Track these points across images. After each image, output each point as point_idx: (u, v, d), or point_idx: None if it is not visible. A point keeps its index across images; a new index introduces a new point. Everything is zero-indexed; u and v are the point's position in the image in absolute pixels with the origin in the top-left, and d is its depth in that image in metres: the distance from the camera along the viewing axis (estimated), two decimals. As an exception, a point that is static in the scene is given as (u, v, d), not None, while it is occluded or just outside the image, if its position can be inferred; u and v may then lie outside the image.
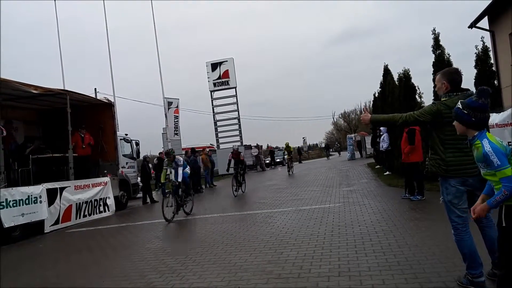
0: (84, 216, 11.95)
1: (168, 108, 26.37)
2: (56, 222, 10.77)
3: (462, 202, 3.72)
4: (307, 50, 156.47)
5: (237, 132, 33.14)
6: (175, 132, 26.97)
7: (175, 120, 26.98)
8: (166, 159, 11.11)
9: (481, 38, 10.23)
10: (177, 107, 27.26)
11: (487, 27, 14.59)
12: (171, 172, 10.91)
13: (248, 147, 35.03)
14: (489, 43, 10.90)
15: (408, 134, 9.20)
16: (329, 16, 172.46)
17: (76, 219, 11.55)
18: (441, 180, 3.84)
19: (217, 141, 33.28)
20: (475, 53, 9.88)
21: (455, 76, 3.84)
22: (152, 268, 5.69)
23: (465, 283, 3.69)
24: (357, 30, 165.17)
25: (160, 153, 20.40)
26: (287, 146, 25.94)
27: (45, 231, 10.26)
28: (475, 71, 9.79)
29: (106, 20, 25.81)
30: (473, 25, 14.39)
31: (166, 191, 10.91)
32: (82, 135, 13.26)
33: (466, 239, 3.65)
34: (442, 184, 3.82)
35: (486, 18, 14.46)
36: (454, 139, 3.67)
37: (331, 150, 64.38)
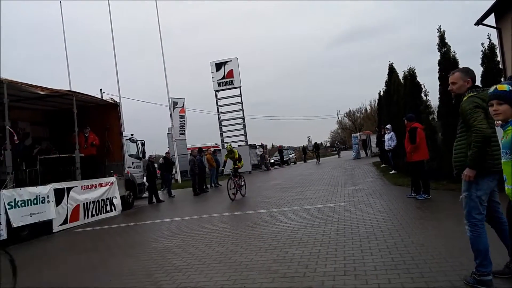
0: (92, 215, 12.06)
1: (174, 108, 26.52)
2: (65, 222, 10.87)
3: (487, 200, 3.73)
4: (311, 49, 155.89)
5: (241, 132, 33.18)
6: (181, 132, 27.09)
7: (181, 119, 27.11)
8: None
9: (488, 35, 10.14)
10: (182, 106, 27.38)
11: (494, 24, 14.50)
12: None
13: (253, 146, 35.06)
14: (495, 41, 10.82)
15: (410, 133, 9.17)
16: (333, 15, 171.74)
17: (84, 218, 11.66)
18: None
19: (222, 140, 33.30)
20: (482, 50, 9.79)
21: (474, 74, 3.93)
22: (158, 267, 5.73)
23: (471, 282, 3.69)
24: (362, 29, 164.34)
25: (166, 153, 20.52)
26: (230, 150, 15.02)
27: (54, 231, 10.35)
28: (481, 68, 9.73)
29: (111, 21, 25.99)
30: (479, 22, 14.31)
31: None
32: (86, 135, 13.34)
33: (483, 236, 3.64)
34: (473, 180, 3.70)
35: (493, 15, 14.38)
36: (493, 132, 3.66)
37: (333, 149, 64.03)
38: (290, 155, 44.50)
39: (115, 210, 13.17)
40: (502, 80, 9.57)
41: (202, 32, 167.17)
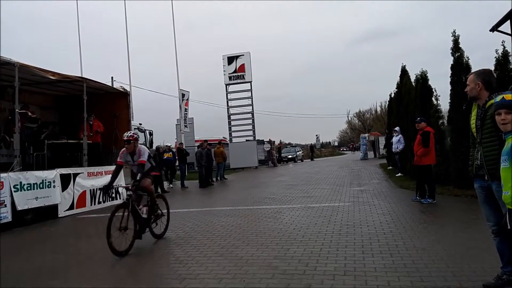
0: (99, 202, 12.15)
1: (182, 100, 26.58)
2: (71, 207, 10.95)
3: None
4: (329, 48, 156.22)
5: (250, 127, 33.11)
6: (185, 124, 27.17)
7: (185, 112, 27.22)
8: None
9: (502, 42, 10.03)
10: (187, 99, 27.49)
11: (509, 31, 14.30)
12: None
13: (261, 142, 35.01)
14: (509, 48, 10.65)
15: (423, 137, 9.09)
16: (352, 15, 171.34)
17: (91, 205, 11.75)
18: None
19: (230, 134, 33.29)
20: (495, 57, 9.70)
21: (489, 77, 3.85)
22: (159, 257, 5.76)
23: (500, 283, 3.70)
24: (381, 30, 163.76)
25: (180, 143, 20.64)
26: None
27: (59, 216, 10.42)
28: (494, 75, 9.61)
29: (125, 9, 26.08)
30: (494, 28, 14.11)
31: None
32: (91, 123, 13.31)
33: None
34: None
35: (508, 22, 14.18)
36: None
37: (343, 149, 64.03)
38: (298, 153, 44.46)
39: (120, 198, 13.23)
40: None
41: (224, 26, 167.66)
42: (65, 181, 10.84)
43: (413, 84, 14.09)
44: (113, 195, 12.91)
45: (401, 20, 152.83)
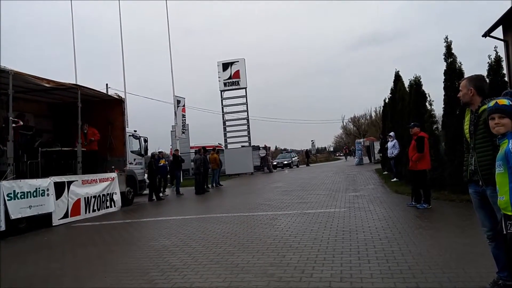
0: (94, 210, 12.06)
1: (177, 107, 26.58)
2: (65, 216, 10.86)
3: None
4: (324, 55, 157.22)
5: (245, 133, 33.12)
6: (183, 130, 27.16)
7: (183, 118, 27.22)
8: None
9: (494, 47, 10.12)
10: (183, 105, 27.51)
11: (502, 37, 14.45)
12: None
13: (256, 148, 35.00)
14: (502, 53, 10.77)
15: (417, 142, 9.12)
16: (350, 20, 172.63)
17: (85, 213, 11.66)
18: None
19: (225, 140, 33.28)
20: (488, 62, 9.78)
21: (481, 83, 3.88)
22: (154, 265, 5.72)
23: None
24: (376, 36, 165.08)
25: (176, 150, 20.60)
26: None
27: (53, 224, 10.34)
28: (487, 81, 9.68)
29: (120, 16, 26.14)
30: (487, 34, 14.26)
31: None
32: (85, 131, 13.22)
33: None
34: None
35: (501, 27, 14.32)
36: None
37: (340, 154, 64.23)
38: (293, 158, 44.50)
39: (115, 206, 13.16)
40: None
41: (222, 32, 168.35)
42: (59, 189, 10.77)
43: (407, 89, 14.16)
44: (108, 203, 12.84)
45: (398, 25, 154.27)
